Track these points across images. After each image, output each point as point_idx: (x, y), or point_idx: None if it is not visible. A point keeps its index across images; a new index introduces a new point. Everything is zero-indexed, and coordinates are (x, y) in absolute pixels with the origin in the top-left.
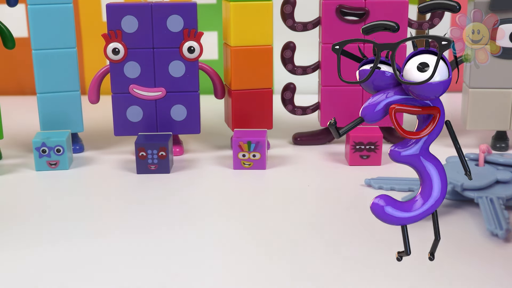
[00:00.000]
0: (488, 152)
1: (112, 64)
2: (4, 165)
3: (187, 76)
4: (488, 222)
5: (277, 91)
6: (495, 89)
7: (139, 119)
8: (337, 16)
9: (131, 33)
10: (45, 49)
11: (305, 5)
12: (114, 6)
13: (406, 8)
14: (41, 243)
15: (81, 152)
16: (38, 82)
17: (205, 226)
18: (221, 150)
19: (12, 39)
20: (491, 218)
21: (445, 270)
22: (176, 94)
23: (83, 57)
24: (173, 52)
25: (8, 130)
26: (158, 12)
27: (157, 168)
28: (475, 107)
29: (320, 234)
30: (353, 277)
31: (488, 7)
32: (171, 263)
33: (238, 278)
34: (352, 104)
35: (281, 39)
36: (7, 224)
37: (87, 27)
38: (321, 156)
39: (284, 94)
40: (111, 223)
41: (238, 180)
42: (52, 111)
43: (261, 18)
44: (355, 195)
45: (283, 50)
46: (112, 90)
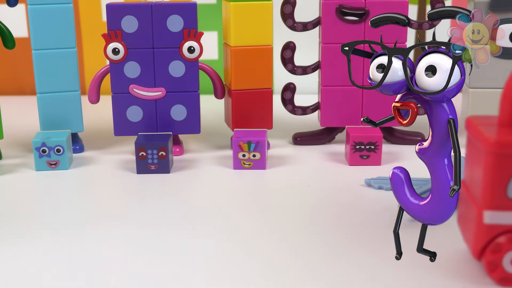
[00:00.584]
0: None
1: (112, 64)
2: (4, 165)
3: (187, 76)
4: None
5: (277, 91)
6: (495, 89)
7: (139, 119)
8: (337, 16)
9: (131, 33)
10: (45, 49)
11: (305, 5)
12: (114, 6)
13: (406, 8)
14: (41, 243)
15: (81, 152)
16: (38, 82)
17: (205, 226)
18: (221, 150)
19: (12, 39)
20: None
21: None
22: (176, 94)
23: (83, 57)
24: (173, 52)
25: (8, 130)
26: (158, 12)
27: (157, 168)
28: (475, 107)
29: (320, 234)
30: (353, 277)
31: (488, 7)
32: (171, 263)
33: (238, 278)
34: (352, 104)
35: (281, 39)
36: (7, 224)
37: (87, 27)
38: (321, 156)
39: (284, 94)
40: (111, 223)
41: (238, 180)
42: (52, 111)
43: (261, 18)
44: (355, 195)
45: (283, 50)
46: (112, 90)
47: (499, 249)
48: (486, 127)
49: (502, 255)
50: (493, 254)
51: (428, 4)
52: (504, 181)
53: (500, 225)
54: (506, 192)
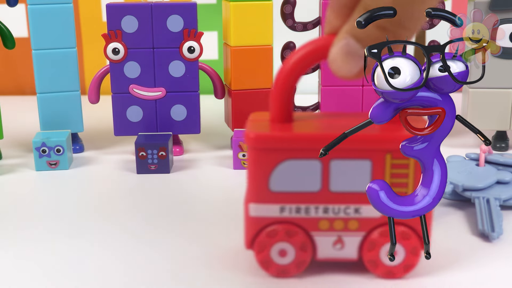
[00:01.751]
0: (489, 152)
1: (112, 64)
2: (4, 165)
3: (187, 76)
4: (480, 222)
5: None
6: (495, 89)
7: (139, 119)
8: None
9: (131, 33)
10: (45, 49)
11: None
12: (114, 6)
13: None
14: (41, 243)
15: (81, 152)
16: (38, 82)
17: (205, 225)
18: (221, 150)
19: (12, 39)
20: (485, 219)
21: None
22: (176, 94)
23: (83, 57)
24: (173, 52)
25: (8, 130)
26: (158, 12)
27: (157, 168)
28: (475, 107)
29: None
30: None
31: (488, 7)
32: (171, 263)
33: (238, 277)
34: (352, 104)
35: (281, 39)
36: (7, 224)
37: (87, 27)
38: None
39: None
40: (111, 223)
41: (238, 180)
42: (52, 111)
43: (261, 18)
44: None
45: (283, 50)
46: (112, 90)
47: (267, 241)
48: (254, 122)
49: (270, 246)
50: (262, 246)
51: None
52: (265, 175)
53: (266, 217)
54: (268, 186)
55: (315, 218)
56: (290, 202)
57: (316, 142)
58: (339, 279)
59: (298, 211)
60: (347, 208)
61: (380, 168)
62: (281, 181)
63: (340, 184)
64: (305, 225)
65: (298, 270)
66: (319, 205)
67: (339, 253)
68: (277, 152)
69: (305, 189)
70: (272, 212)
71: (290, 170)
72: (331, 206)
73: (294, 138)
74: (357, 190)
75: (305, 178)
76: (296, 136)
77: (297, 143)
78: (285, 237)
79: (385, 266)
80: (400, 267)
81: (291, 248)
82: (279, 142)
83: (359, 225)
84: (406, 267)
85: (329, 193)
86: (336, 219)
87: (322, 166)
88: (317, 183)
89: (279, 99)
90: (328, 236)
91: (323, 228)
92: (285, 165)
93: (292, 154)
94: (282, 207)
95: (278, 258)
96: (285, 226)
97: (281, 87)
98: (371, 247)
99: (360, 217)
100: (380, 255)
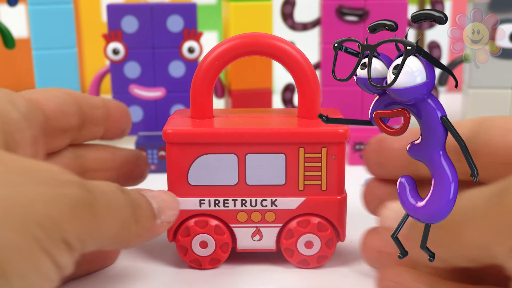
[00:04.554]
0: None
1: (112, 64)
2: None
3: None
4: None
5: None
6: (495, 89)
7: (139, 119)
8: (337, 16)
9: (131, 33)
10: (45, 49)
11: (305, 5)
12: (114, 6)
13: (406, 9)
14: None
15: None
16: (38, 82)
17: None
18: None
19: (12, 39)
20: None
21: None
22: (176, 94)
23: (83, 57)
24: (173, 52)
25: None
26: (158, 12)
27: (157, 168)
28: (475, 107)
29: None
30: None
31: (488, 7)
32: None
33: (238, 278)
34: (352, 104)
35: None
36: None
37: (87, 27)
38: None
39: (284, 94)
40: None
41: None
42: None
43: (261, 18)
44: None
45: None
46: (113, 90)
47: (188, 233)
48: (174, 119)
49: (191, 238)
50: (183, 238)
51: (428, 3)
52: (184, 169)
53: (187, 210)
54: (187, 179)
55: (233, 210)
56: (208, 195)
57: (231, 137)
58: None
59: (217, 204)
60: (264, 200)
61: (294, 162)
62: (200, 175)
63: (256, 178)
64: (224, 217)
65: (215, 263)
66: (237, 198)
67: (258, 244)
68: (193, 147)
69: (223, 183)
70: (192, 205)
71: (208, 165)
72: (248, 198)
73: (209, 134)
74: (273, 183)
75: (222, 172)
76: (211, 131)
77: (213, 138)
78: (204, 229)
79: (300, 254)
80: (314, 257)
81: (211, 240)
82: (195, 137)
83: (276, 217)
84: (320, 258)
85: (246, 186)
86: (254, 211)
87: (238, 160)
88: (234, 176)
89: (198, 96)
90: (247, 227)
91: (242, 220)
92: (202, 159)
93: (208, 149)
94: (201, 200)
95: (199, 249)
96: (205, 219)
97: (200, 84)
98: (289, 236)
99: (276, 209)
100: (297, 244)
